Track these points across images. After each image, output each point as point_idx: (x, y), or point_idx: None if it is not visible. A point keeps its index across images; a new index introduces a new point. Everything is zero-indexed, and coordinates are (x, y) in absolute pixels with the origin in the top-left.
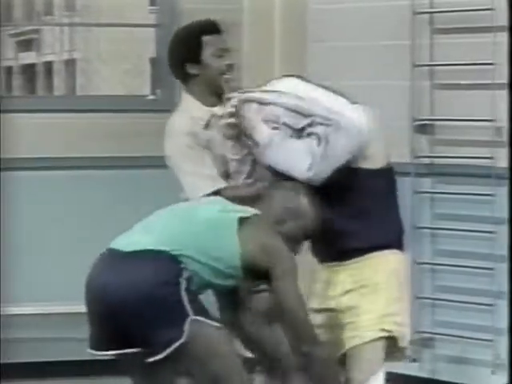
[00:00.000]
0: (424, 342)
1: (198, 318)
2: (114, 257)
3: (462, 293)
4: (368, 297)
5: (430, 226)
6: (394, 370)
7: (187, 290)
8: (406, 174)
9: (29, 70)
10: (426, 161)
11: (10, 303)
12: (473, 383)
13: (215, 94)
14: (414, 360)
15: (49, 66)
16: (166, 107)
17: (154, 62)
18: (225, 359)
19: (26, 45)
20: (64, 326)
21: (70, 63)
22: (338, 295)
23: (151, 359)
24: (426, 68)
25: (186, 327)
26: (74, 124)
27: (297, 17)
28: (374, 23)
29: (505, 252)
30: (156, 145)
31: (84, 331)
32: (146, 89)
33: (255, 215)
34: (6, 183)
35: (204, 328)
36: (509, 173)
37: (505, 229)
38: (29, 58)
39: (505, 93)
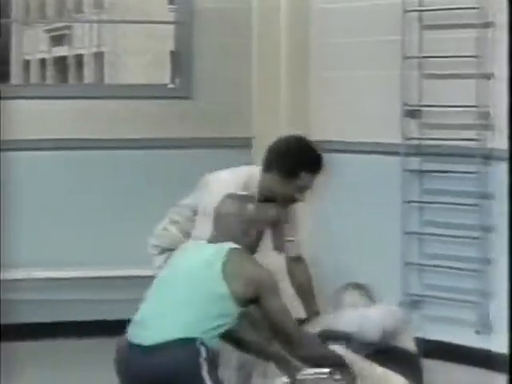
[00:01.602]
0: (413, 303)
1: None
2: (136, 352)
3: (448, 259)
4: None
5: (418, 199)
6: None
7: (207, 360)
8: (397, 153)
9: (61, 61)
10: (415, 142)
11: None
12: (458, 342)
13: (272, 202)
14: None
15: (79, 59)
16: (184, 94)
17: (173, 55)
18: None
19: (59, 39)
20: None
21: (99, 56)
22: None
23: None
24: (416, 60)
25: None
26: (104, 109)
27: (301, 15)
28: (369, 20)
29: (487, 223)
30: (175, 127)
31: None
32: (166, 78)
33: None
34: (45, 162)
35: None
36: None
37: (487, 202)
38: (61, 51)
39: (486, 82)
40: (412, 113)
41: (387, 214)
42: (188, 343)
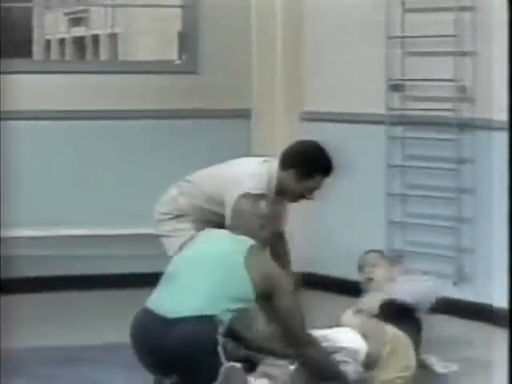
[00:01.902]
0: (396, 258)
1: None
2: (159, 323)
3: (428, 217)
4: None
5: (400, 164)
6: None
7: (221, 335)
8: (382, 123)
9: (79, 41)
10: (398, 112)
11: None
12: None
13: (281, 196)
14: None
15: (95, 38)
16: (190, 69)
17: (180, 35)
18: None
19: (77, 21)
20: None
21: (113, 36)
22: None
23: None
24: (399, 39)
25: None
26: (117, 83)
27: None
28: (356, 4)
29: (462, 185)
30: (182, 100)
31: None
32: (174, 56)
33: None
34: (69, 131)
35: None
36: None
37: (462, 167)
38: (79, 31)
39: (462, 59)
40: (395, 86)
41: (373, 177)
42: (208, 319)
